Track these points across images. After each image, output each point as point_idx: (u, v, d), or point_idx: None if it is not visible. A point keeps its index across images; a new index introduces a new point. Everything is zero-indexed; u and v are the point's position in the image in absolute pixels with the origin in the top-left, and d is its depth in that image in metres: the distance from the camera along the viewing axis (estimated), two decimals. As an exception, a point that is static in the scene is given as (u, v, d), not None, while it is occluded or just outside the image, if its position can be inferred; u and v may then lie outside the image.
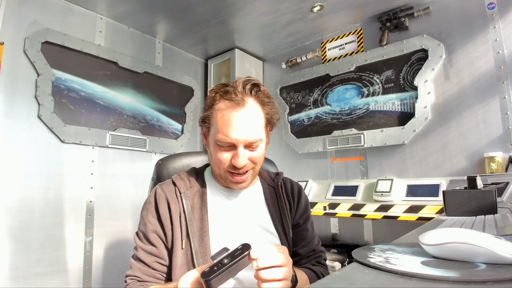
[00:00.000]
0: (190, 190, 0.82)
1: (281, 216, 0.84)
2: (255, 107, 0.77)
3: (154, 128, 2.37)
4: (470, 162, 1.76)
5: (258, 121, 0.76)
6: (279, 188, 0.89)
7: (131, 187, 2.14)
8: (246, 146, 0.75)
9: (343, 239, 2.24)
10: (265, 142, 0.81)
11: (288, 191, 0.90)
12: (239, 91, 0.75)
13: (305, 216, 0.90)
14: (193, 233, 0.74)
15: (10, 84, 1.66)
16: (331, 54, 2.43)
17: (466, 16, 1.83)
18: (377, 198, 1.86)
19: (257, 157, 0.77)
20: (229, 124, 0.73)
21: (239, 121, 0.73)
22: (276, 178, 0.92)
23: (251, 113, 0.75)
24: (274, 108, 0.82)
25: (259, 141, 0.76)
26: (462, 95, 1.82)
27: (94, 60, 2.05)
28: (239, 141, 0.73)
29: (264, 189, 0.88)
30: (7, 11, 1.67)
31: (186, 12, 2.10)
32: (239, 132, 0.72)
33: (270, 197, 0.87)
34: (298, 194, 0.92)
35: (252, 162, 0.77)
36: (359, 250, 0.54)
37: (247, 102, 0.74)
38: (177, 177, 0.85)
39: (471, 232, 0.45)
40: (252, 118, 0.75)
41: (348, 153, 2.28)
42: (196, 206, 0.79)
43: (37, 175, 1.73)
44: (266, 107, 0.79)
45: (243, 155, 0.74)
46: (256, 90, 0.78)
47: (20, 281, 1.59)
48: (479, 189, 1.01)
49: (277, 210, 0.85)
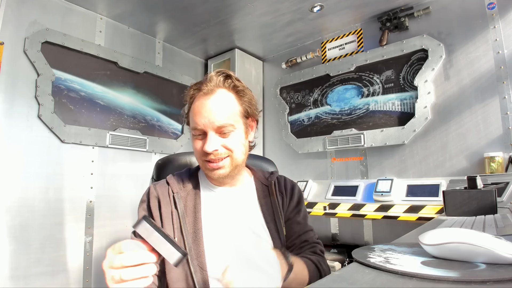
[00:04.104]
0: (184, 190, 0.83)
1: (274, 213, 0.84)
2: (226, 95, 0.78)
3: (154, 128, 2.37)
4: (470, 162, 1.76)
5: (229, 107, 0.78)
6: (272, 186, 0.88)
7: (131, 187, 2.14)
8: (218, 132, 0.76)
9: (343, 239, 2.24)
10: (244, 131, 0.81)
11: (282, 188, 0.90)
12: (210, 82, 0.78)
13: (297, 209, 0.89)
14: (187, 232, 0.75)
15: (10, 84, 1.66)
16: (331, 54, 2.43)
17: (466, 16, 1.83)
18: (377, 198, 1.86)
19: (230, 143, 0.77)
20: (198, 112, 0.76)
21: (207, 107, 0.75)
22: (270, 176, 0.92)
23: (220, 99, 0.77)
24: (249, 97, 0.83)
25: (229, 126, 0.76)
26: (462, 95, 1.82)
27: (94, 60, 2.05)
28: (206, 126, 0.75)
29: (257, 188, 0.88)
30: (7, 11, 1.67)
31: (186, 12, 2.10)
32: (206, 117, 0.75)
33: (263, 195, 0.87)
34: (291, 190, 0.91)
35: (226, 149, 0.77)
36: (359, 250, 0.54)
37: (217, 91, 0.77)
38: (171, 177, 0.86)
39: (471, 232, 0.45)
40: (220, 104, 0.76)
41: (348, 153, 2.28)
42: (190, 205, 0.80)
43: (37, 175, 1.73)
44: (241, 97, 0.81)
45: (212, 140, 0.75)
46: (228, 80, 0.80)
47: (20, 281, 1.59)
48: (479, 189, 1.01)
49: (270, 207, 0.85)
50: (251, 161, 1.08)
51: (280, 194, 0.88)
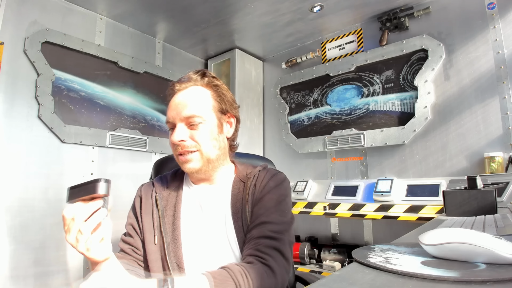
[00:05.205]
0: (166, 190, 0.85)
1: (242, 211, 0.78)
2: (198, 90, 0.81)
3: (154, 128, 2.37)
4: (470, 162, 1.76)
5: (198, 100, 0.79)
6: (249, 181, 0.82)
7: (131, 187, 2.14)
8: (186, 124, 0.78)
9: (343, 239, 2.24)
10: (217, 125, 0.80)
11: (258, 182, 0.81)
12: (187, 81, 0.81)
13: (260, 200, 0.77)
14: (166, 230, 0.78)
15: (10, 84, 1.66)
16: (331, 54, 2.43)
17: (466, 16, 1.83)
18: (377, 198, 1.86)
19: (198, 136, 0.77)
20: (170, 106, 0.80)
21: (177, 101, 0.79)
22: (250, 173, 0.84)
23: (190, 93, 0.80)
24: (225, 93, 0.84)
25: (197, 117, 0.77)
26: (462, 95, 1.82)
27: (94, 60, 2.05)
28: (175, 118, 0.78)
29: (233, 185, 0.83)
30: (7, 11, 1.67)
31: (186, 12, 2.10)
32: (175, 110, 0.78)
33: (237, 193, 0.82)
34: (267, 181, 0.81)
35: (194, 142, 0.77)
36: (359, 250, 0.54)
37: (190, 88, 0.81)
38: (158, 178, 0.90)
39: (471, 232, 0.45)
40: (190, 97, 0.79)
41: (348, 153, 2.28)
42: (170, 204, 0.82)
43: (37, 175, 1.73)
44: (216, 92, 0.82)
45: (178, 130, 0.77)
46: (205, 78, 0.82)
47: (20, 281, 1.59)
48: (479, 189, 1.01)
49: (240, 205, 0.79)
50: (251, 161, 1.07)
51: (253, 188, 0.80)
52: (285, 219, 0.75)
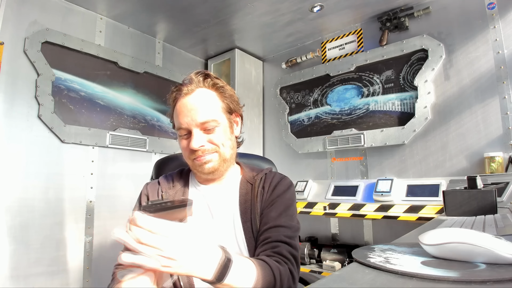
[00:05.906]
0: (172, 189, 0.85)
1: (251, 212, 0.80)
2: (205, 92, 0.81)
3: (154, 128, 2.37)
4: (470, 162, 1.76)
5: (210, 104, 0.79)
6: (256, 183, 0.84)
7: (131, 187, 2.14)
8: (202, 129, 0.78)
9: (343, 239, 2.24)
10: (229, 126, 0.83)
11: (266, 183, 0.84)
12: (190, 83, 0.80)
13: (271, 202, 0.81)
14: None
15: (10, 84, 1.66)
16: (331, 54, 2.43)
17: (466, 16, 1.83)
18: (377, 198, 1.86)
19: (216, 138, 0.79)
20: (180, 112, 0.79)
21: (189, 106, 0.78)
22: (258, 174, 0.87)
23: (200, 97, 0.79)
24: (230, 93, 0.85)
25: (212, 121, 0.78)
26: (462, 95, 1.82)
27: (94, 60, 2.05)
28: (190, 124, 0.77)
29: (241, 186, 0.86)
30: (7, 11, 1.67)
31: (186, 12, 2.10)
32: (189, 116, 0.77)
33: (245, 193, 0.84)
34: (275, 184, 0.84)
35: (213, 145, 0.79)
36: (359, 250, 0.54)
37: (196, 91, 0.80)
38: (163, 177, 0.89)
39: (471, 232, 0.45)
40: (201, 101, 0.79)
41: (348, 153, 2.28)
42: None
43: (37, 175, 1.73)
44: (222, 93, 0.82)
45: (197, 137, 0.77)
46: (208, 79, 0.82)
47: (20, 281, 1.59)
48: (479, 189, 1.01)
49: (249, 206, 0.81)
50: (251, 161, 1.07)
51: (261, 190, 0.83)
52: (293, 223, 0.79)
